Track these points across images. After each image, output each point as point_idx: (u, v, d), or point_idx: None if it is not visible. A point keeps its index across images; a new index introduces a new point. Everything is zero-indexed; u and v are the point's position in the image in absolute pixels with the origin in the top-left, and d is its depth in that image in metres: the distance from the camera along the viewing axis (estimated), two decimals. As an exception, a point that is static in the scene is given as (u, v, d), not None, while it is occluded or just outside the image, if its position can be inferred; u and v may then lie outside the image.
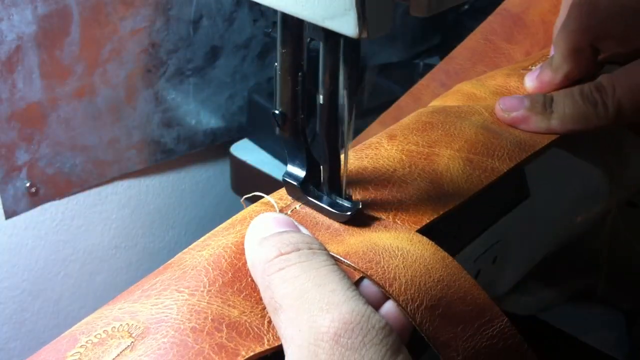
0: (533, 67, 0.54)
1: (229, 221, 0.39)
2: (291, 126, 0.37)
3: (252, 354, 0.31)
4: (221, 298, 0.33)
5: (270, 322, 0.33)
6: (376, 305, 0.33)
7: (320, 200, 0.38)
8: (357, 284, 0.34)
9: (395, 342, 0.30)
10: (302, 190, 0.38)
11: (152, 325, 0.32)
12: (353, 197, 0.39)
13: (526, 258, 0.52)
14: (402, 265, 0.34)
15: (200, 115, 0.97)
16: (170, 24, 0.85)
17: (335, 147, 0.37)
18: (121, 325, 0.33)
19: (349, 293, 0.31)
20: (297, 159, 0.39)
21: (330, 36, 0.33)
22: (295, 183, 0.38)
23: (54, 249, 0.91)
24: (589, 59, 0.50)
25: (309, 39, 0.36)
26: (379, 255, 0.34)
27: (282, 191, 0.40)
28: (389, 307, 0.33)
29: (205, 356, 0.30)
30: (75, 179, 0.87)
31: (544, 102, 0.47)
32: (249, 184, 0.98)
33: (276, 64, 0.36)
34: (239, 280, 0.34)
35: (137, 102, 0.88)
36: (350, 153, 0.42)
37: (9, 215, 0.83)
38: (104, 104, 0.84)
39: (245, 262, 0.35)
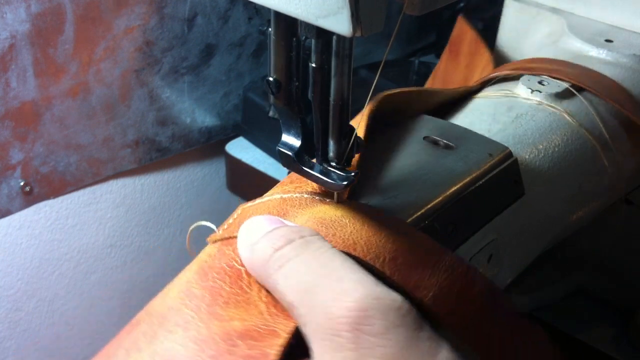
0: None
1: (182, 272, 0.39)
2: (285, 94, 0.37)
3: (279, 349, 0.30)
4: (215, 318, 0.33)
5: (271, 313, 0.32)
6: None
7: (313, 169, 0.38)
8: None
9: (415, 318, 0.30)
10: (297, 160, 0.38)
11: None
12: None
13: (521, 256, 0.52)
14: (354, 231, 0.36)
15: (195, 114, 0.97)
16: (165, 22, 0.85)
17: (325, 114, 0.37)
18: None
19: (356, 276, 0.31)
20: (291, 129, 0.38)
21: (323, 34, 0.33)
22: (289, 153, 0.38)
23: (49, 248, 0.91)
24: None
25: (303, 37, 0.35)
26: (332, 227, 0.36)
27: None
28: None
29: None
30: (69, 178, 0.87)
31: None
32: (245, 182, 0.97)
33: (270, 28, 0.35)
34: (219, 295, 0.34)
35: (131, 101, 0.87)
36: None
37: (3, 214, 0.83)
38: (98, 102, 0.84)
39: (214, 278, 0.34)
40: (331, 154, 0.38)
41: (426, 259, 0.35)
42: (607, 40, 0.65)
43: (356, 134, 0.37)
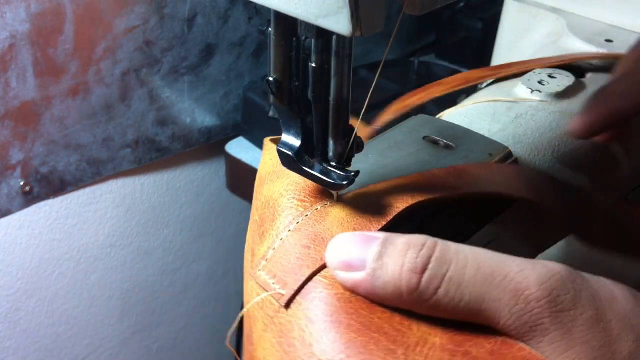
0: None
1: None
2: (285, 94, 0.37)
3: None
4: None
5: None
6: None
7: (313, 169, 0.38)
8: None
9: (571, 270, 0.31)
10: (297, 160, 0.38)
11: None
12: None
13: (521, 256, 0.52)
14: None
15: (195, 114, 0.97)
16: (165, 22, 0.85)
17: (325, 114, 0.37)
18: None
19: (515, 263, 0.31)
20: (291, 129, 0.38)
21: (323, 34, 0.33)
22: (289, 153, 0.38)
23: (49, 248, 0.91)
24: None
25: (303, 37, 0.35)
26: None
27: (310, 189, 0.39)
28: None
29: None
30: (69, 178, 0.87)
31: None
32: (245, 182, 0.97)
33: (270, 28, 0.35)
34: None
35: (131, 101, 0.87)
36: None
37: (3, 214, 0.83)
38: (98, 102, 0.84)
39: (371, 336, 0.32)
40: (331, 154, 0.38)
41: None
42: (607, 40, 0.65)
43: (356, 133, 0.37)
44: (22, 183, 0.82)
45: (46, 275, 0.92)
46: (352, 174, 0.37)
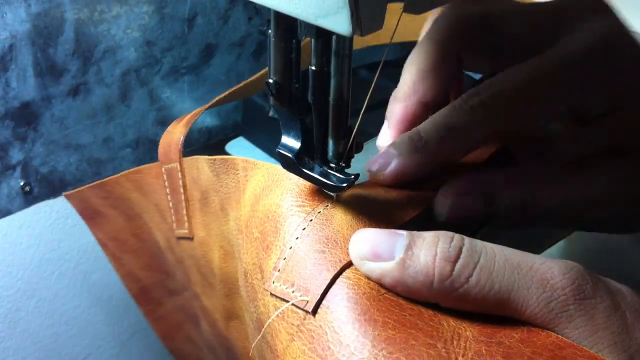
0: None
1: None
2: (285, 96, 0.37)
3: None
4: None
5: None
6: None
7: (313, 171, 0.38)
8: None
9: (581, 269, 0.33)
10: (297, 162, 0.38)
11: None
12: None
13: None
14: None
15: (195, 114, 0.97)
16: (165, 22, 0.85)
17: (325, 117, 0.37)
18: None
19: (538, 260, 0.33)
20: (291, 130, 0.38)
21: (323, 34, 0.33)
22: (289, 154, 0.38)
23: (49, 248, 0.91)
24: (449, 74, 0.44)
25: (302, 37, 0.35)
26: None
27: (305, 193, 0.39)
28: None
29: None
30: (69, 178, 0.87)
31: (409, 137, 0.40)
32: (245, 183, 0.97)
33: (269, 30, 0.35)
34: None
35: (131, 101, 0.87)
36: None
37: (3, 214, 0.83)
38: (98, 102, 0.84)
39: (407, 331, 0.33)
40: (330, 154, 0.37)
41: None
42: (607, 40, 0.65)
43: (356, 134, 0.37)
44: (22, 183, 0.82)
45: (46, 275, 0.92)
46: (352, 176, 0.37)
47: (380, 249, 0.33)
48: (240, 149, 0.98)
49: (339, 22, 0.30)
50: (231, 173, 0.45)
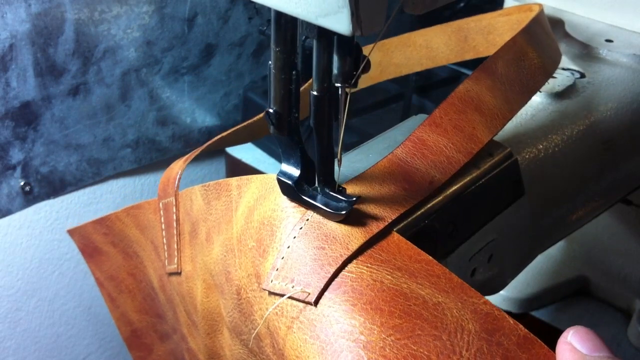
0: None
1: None
2: (285, 125, 0.37)
3: None
4: None
5: None
6: None
7: (314, 199, 0.38)
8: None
9: None
10: (297, 190, 0.38)
11: None
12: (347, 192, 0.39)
13: (522, 256, 0.52)
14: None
15: (195, 114, 0.97)
16: (165, 22, 0.85)
17: (329, 143, 0.37)
18: None
19: None
20: (291, 158, 0.38)
21: (324, 33, 0.33)
22: (289, 182, 0.38)
23: (49, 247, 0.91)
24: None
25: (303, 37, 0.35)
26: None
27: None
28: None
29: None
30: (69, 178, 0.87)
31: None
32: (245, 183, 0.97)
33: (270, 62, 0.36)
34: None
35: (131, 101, 0.87)
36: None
37: (3, 214, 0.83)
38: (98, 102, 0.84)
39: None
40: (336, 72, 0.36)
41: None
42: (607, 40, 0.65)
43: (363, 54, 0.36)
44: (22, 183, 0.82)
45: (46, 275, 0.92)
46: (354, 199, 0.37)
47: (592, 346, 0.32)
48: (240, 148, 0.98)
49: (340, 22, 0.30)
50: (223, 196, 0.45)
